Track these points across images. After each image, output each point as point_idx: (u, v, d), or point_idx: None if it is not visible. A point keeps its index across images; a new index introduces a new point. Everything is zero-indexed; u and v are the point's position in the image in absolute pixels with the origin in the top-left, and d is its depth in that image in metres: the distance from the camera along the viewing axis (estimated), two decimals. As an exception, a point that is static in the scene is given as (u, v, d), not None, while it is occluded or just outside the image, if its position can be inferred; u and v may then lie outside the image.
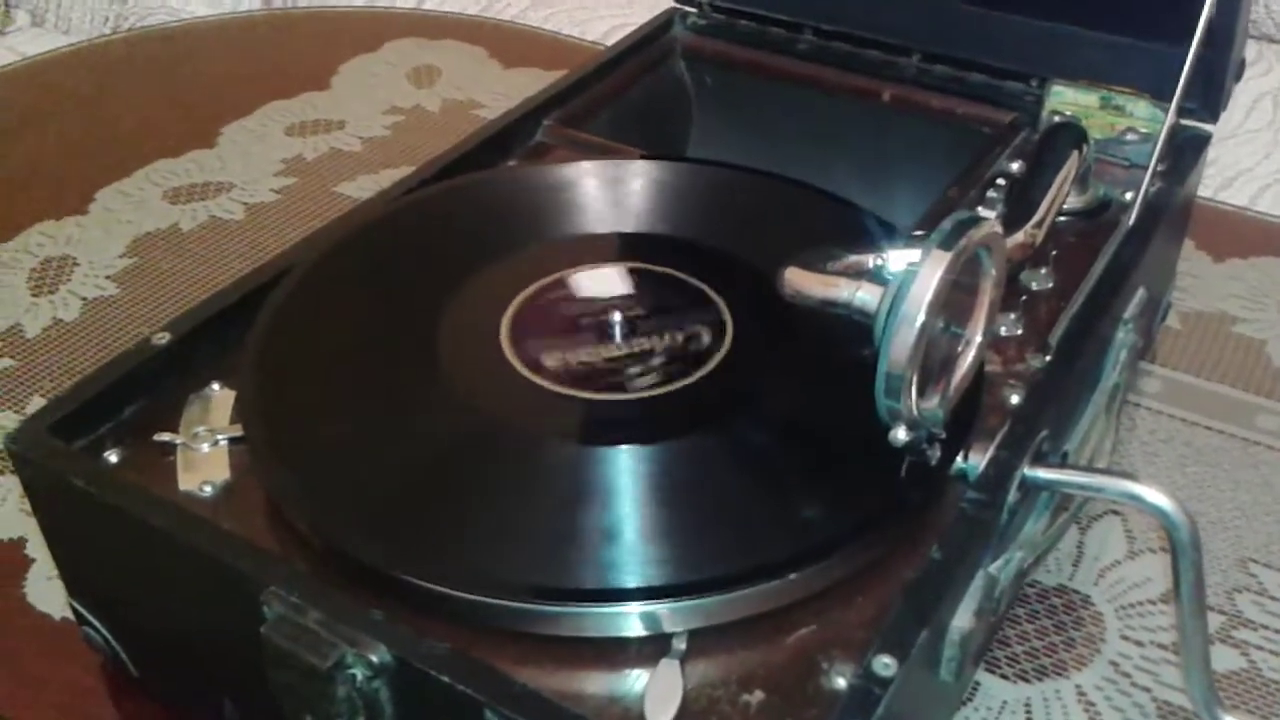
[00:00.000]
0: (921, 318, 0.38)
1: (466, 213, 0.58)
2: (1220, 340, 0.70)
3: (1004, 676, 0.52)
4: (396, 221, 0.57)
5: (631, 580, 0.41)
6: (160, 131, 0.91)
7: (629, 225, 0.57)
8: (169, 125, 0.92)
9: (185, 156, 0.88)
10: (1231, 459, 0.63)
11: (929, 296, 0.38)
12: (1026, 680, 0.52)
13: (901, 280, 0.39)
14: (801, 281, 0.44)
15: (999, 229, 0.41)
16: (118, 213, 0.82)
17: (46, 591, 0.56)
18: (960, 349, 0.43)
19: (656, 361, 0.49)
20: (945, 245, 0.39)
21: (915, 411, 0.40)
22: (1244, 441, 0.64)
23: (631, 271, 0.54)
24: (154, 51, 1.05)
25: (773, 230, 0.57)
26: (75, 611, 0.51)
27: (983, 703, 0.51)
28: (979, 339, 0.43)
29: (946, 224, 0.39)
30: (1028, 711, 0.51)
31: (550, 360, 0.49)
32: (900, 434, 0.41)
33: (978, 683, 0.52)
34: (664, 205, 0.58)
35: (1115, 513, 0.60)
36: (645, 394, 0.47)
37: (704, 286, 0.53)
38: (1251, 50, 1.37)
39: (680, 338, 0.50)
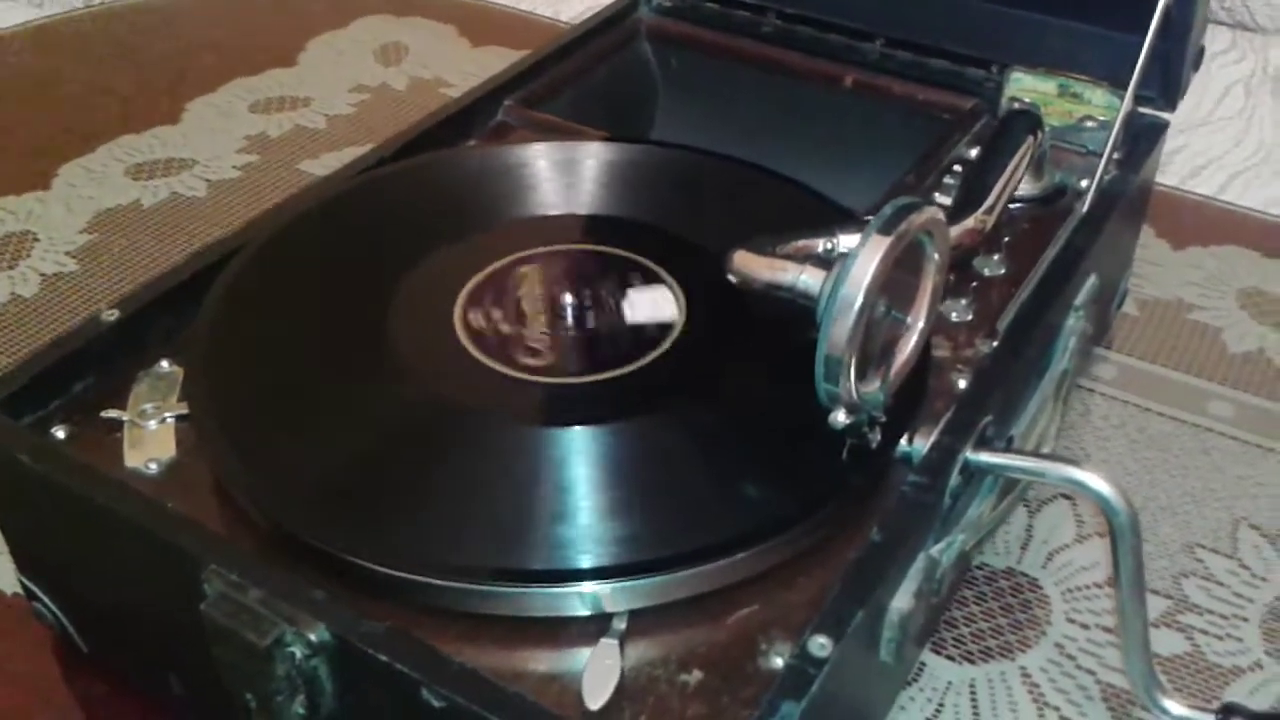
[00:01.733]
0: (859, 301, 0.38)
1: (421, 193, 0.58)
2: (1176, 327, 0.71)
3: (949, 658, 0.53)
4: (350, 201, 0.57)
5: (571, 560, 0.41)
6: (125, 107, 0.91)
7: (585, 207, 0.57)
8: (134, 101, 0.92)
9: (149, 133, 0.88)
10: (1183, 445, 0.63)
11: (867, 280, 0.38)
12: (972, 661, 0.53)
13: (842, 264, 0.39)
14: (748, 265, 0.44)
15: (940, 215, 0.42)
16: (79, 188, 0.82)
17: (-2, 567, 0.56)
18: (902, 333, 0.44)
19: (606, 344, 0.49)
20: (884, 230, 0.39)
21: (855, 395, 0.41)
22: (1195, 428, 0.64)
23: (585, 254, 0.54)
24: (121, 26, 1.04)
25: (728, 213, 0.57)
26: (25, 587, 0.51)
27: (928, 683, 0.52)
28: (921, 324, 0.44)
29: (887, 209, 0.40)
30: (973, 692, 0.52)
31: (500, 342, 0.49)
32: (840, 417, 0.41)
33: (923, 663, 0.53)
34: (620, 188, 0.58)
35: (1065, 497, 0.60)
36: (593, 377, 0.47)
37: (658, 269, 0.53)
38: (1225, 38, 1.37)
39: (631, 322, 0.50)
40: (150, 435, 0.48)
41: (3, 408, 0.47)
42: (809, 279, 0.42)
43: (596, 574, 0.41)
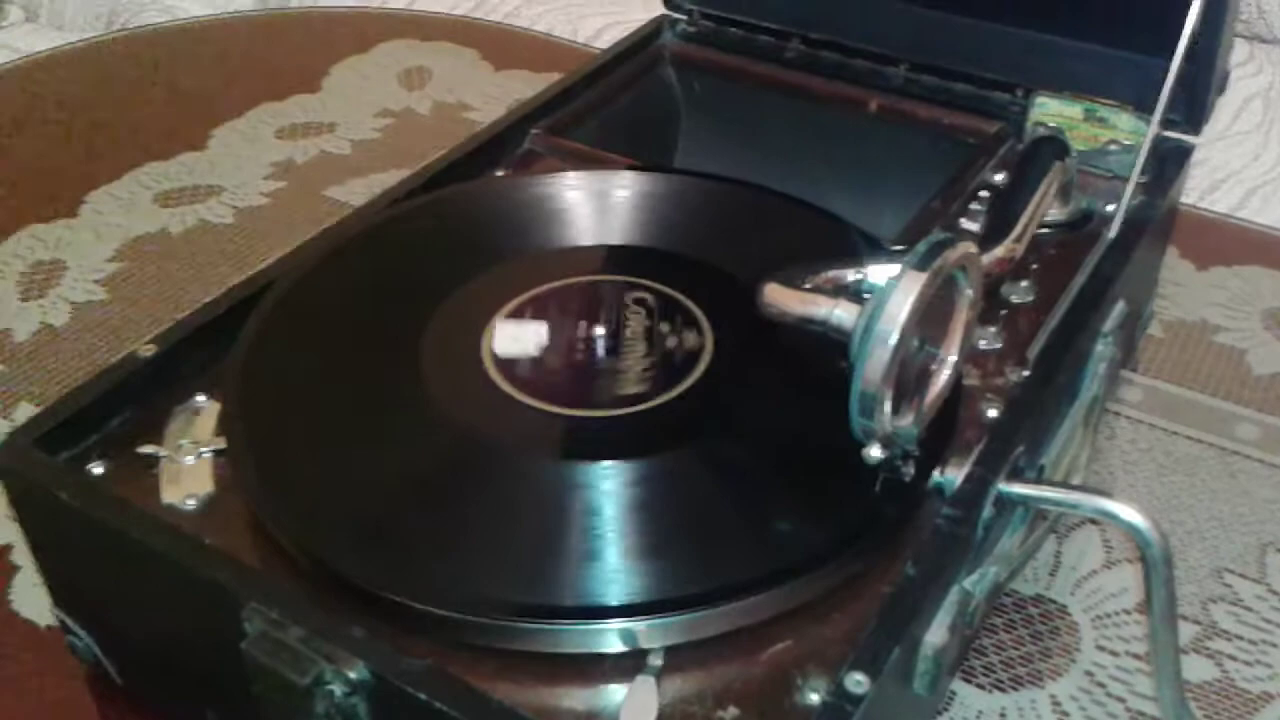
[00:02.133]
0: (895, 338, 0.39)
1: (450, 225, 0.59)
2: (1201, 349, 0.71)
3: (980, 686, 0.53)
4: (382, 234, 0.57)
5: (608, 597, 0.42)
6: (151, 133, 0.91)
7: (612, 237, 0.58)
8: (160, 127, 0.92)
9: (175, 159, 0.88)
10: (1210, 469, 0.63)
11: (903, 317, 0.38)
12: (1002, 690, 0.53)
13: (877, 300, 0.40)
14: (780, 298, 0.45)
15: (974, 250, 0.42)
16: (107, 215, 0.83)
17: (32, 598, 0.56)
18: (935, 367, 0.44)
19: (636, 377, 0.49)
20: (920, 266, 0.39)
21: (889, 429, 0.41)
22: (1222, 451, 0.64)
23: (614, 286, 0.54)
24: (146, 52, 1.05)
25: (755, 242, 0.58)
26: (60, 620, 0.52)
27: (958, 712, 0.52)
28: (954, 358, 0.44)
29: (922, 245, 0.40)
30: (1003, 721, 0.52)
31: (532, 376, 0.49)
32: (874, 452, 0.42)
33: (954, 692, 0.53)
34: (646, 217, 0.59)
35: (1093, 522, 0.60)
36: (624, 411, 0.47)
37: (686, 300, 0.53)
38: (1243, 50, 1.37)
39: (660, 353, 0.50)
40: (187, 470, 0.49)
41: (40, 444, 0.47)
42: (843, 314, 0.42)
43: (632, 610, 0.41)
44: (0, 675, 0.53)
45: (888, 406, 0.40)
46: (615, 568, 0.42)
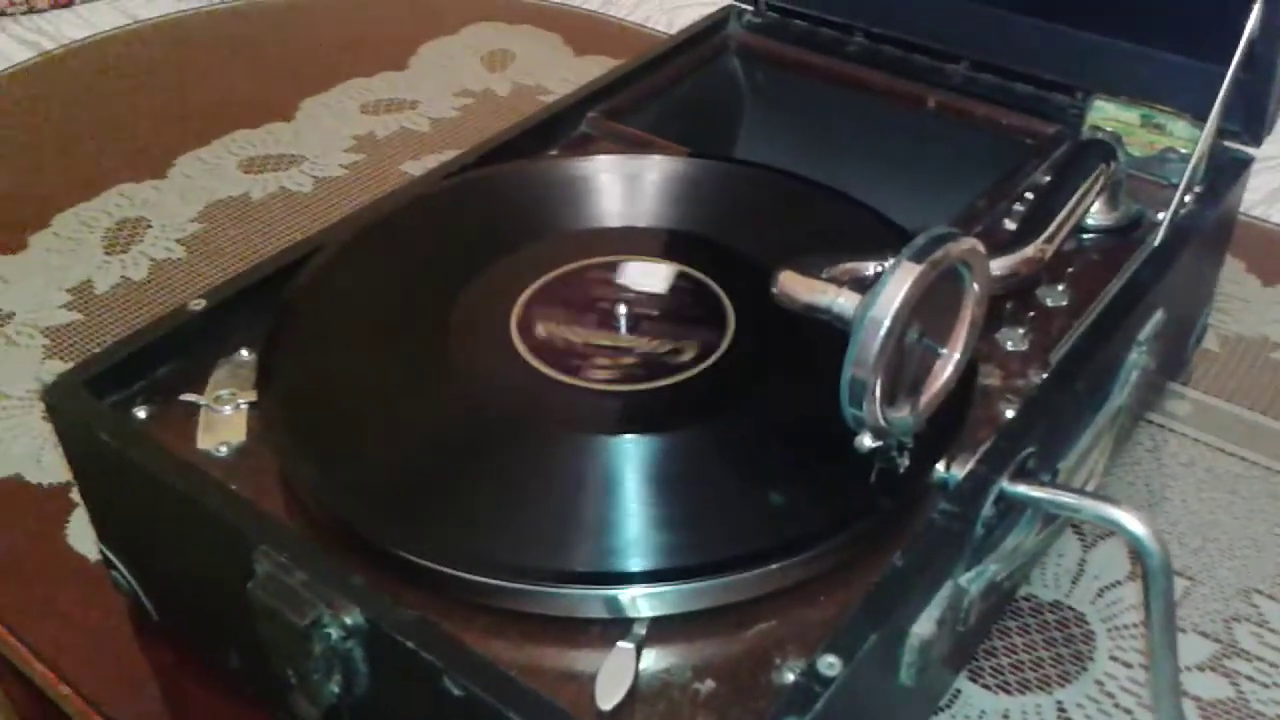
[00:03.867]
0: (886, 325, 0.39)
1: (490, 203, 0.60)
2: (1259, 366, 0.69)
3: (986, 686, 0.53)
4: (424, 207, 0.59)
5: (597, 564, 0.43)
6: (243, 102, 0.95)
7: (645, 220, 0.59)
8: (252, 96, 0.96)
9: (263, 128, 0.92)
10: (1251, 488, 0.62)
11: (895, 306, 0.39)
12: (1008, 692, 0.53)
13: (873, 290, 0.40)
14: (791, 285, 0.45)
15: (980, 247, 0.42)
16: (194, 179, 0.86)
17: (85, 535, 0.59)
18: (937, 362, 0.44)
19: (653, 357, 0.50)
20: (915, 258, 0.39)
21: (880, 420, 0.41)
22: (1267, 470, 0.63)
23: (643, 266, 0.55)
24: (246, 24, 1.09)
25: (790, 231, 0.58)
26: (104, 556, 0.55)
27: (961, 710, 0.52)
28: (957, 355, 0.44)
29: (921, 238, 0.40)
30: (1005, 723, 0.52)
31: (551, 347, 0.51)
32: (865, 440, 0.42)
33: (959, 690, 0.53)
34: (680, 202, 0.60)
35: (1122, 533, 0.59)
36: (635, 387, 0.49)
37: (714, 285, 0.54)
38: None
39: (679, 335, 0.51)
40: (223, 420, 0.51)
41: (89, 386, 0.50)
42: (845, 303, 0.43)
43: (620, 579, 0.42)
44: (48, 604, 0.57)
45: (879, 395, 0.41)
46: (607, 537, 0.44)
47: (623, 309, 0.52)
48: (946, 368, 0.44)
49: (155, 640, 0.55)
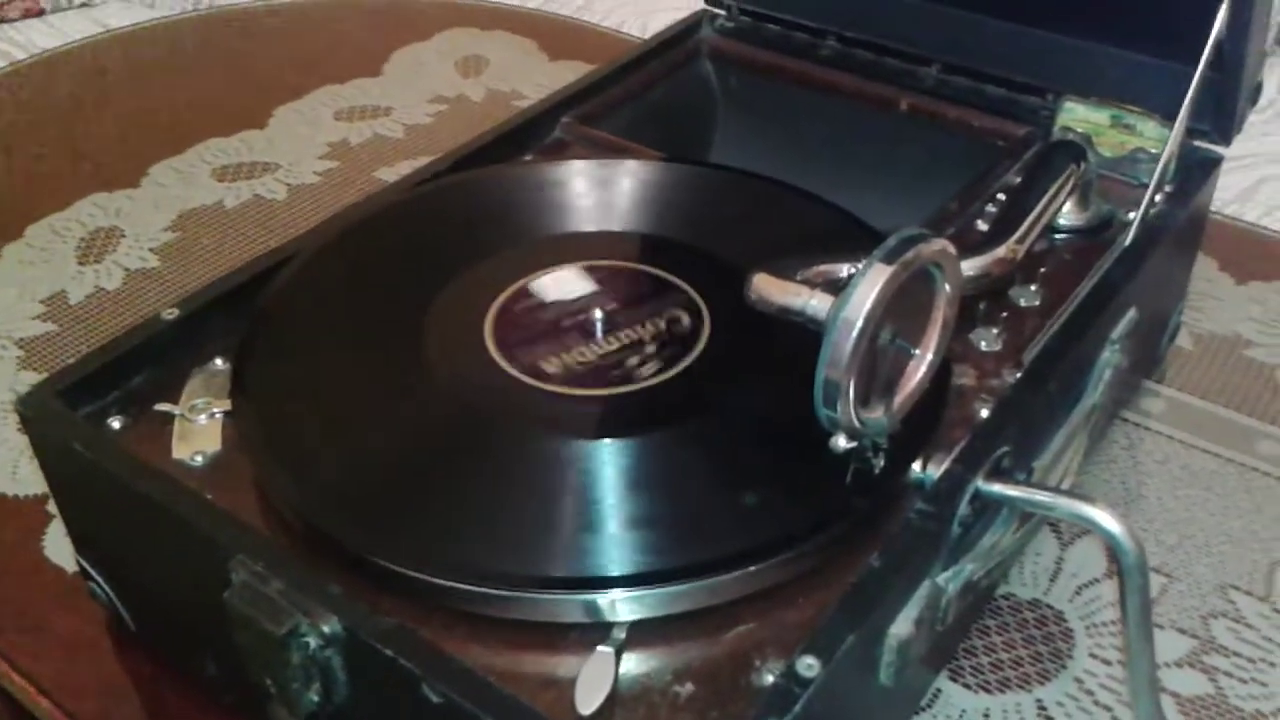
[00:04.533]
0: (858, 326, 0.39)
1: (464, 208, 0.60)
2: (1231, 363, 0.70)
3: (966, 686, 0.53)
4: (397, 214, 0.59)
5: (575, 569, 0.43)
6: (216, 110, 0.95)
7: (618, 225, 0.59)
8: (225, 104, 0.96)
9: (236, 136, 0.92)
10: (1226, 484, 0.62)
11: (866, 307, 0.39)
12: (988, 691, 0.53)
13: (845, 291, 0.40)
14: (765, 287, 0.45)
15: (950, 248, 0.42)
16: (168, 187, 0.86)
17: (62, 547, 0.59)
18: (911, 363, 0.44)
19: (626, 360, 0.50)
20: (887, 259, 0.40)
21: (855, 420, 0.41)
22: (1241, 467, 0.63)
23: (614, 270, 0.55)
24: (220, 31, 1.09)
25: (764, 234, 0.58)
26: (81, 567, 0.54)
27: (942, 710, 0.52)
28: (930, 356, 0.44)
29: (892, 239, 0.40)
30: (985, 721, 0.52)
31: (524, 353, 0.51)
32: (840, 442, 0.42)
33: (940, 689, 0.53)
34: (653, 206, 0.60)
35: (1098, 531, 0.60)
36: (611, 391, 0.49)
37: (688, 288, 0.54)
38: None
39: (655, 339, 0.51)
40: (198, 429, 0.51)
41: (62, 397, 0.50)
42: (818, 304, 0.43)
43: (598, 583, 0.42)
44: (26, 617, 0.56)
45: (852, 396, 0.41)
46: (584, 541, 0.44)
47: (598, 314, 0.52)
48: (920, 368, 0.44)
49: (134, 651, 0.55)
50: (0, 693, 0.58)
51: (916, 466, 0.47)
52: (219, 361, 0.54)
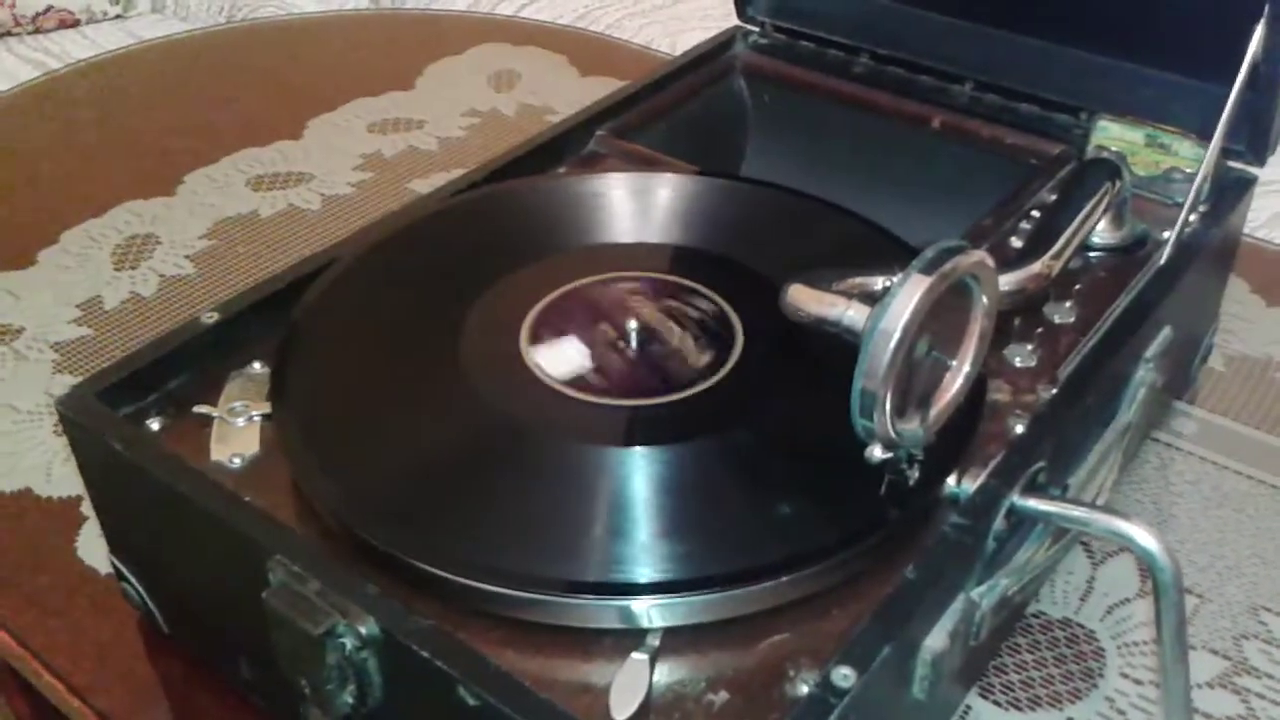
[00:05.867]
0: (896, 337, 0.39)
1: (501, 218, 0.61)
2: (1263, 385, 0.69)
3: (996, 703, 0.53)
4: (436, 223, 0.60)
5: (611, 575, 0.43)
6: (251, 121, 0.96)
7: (655, 237, 0.59)
8: (260, 115, 0.97)
9: (272, 146, 0.92)
10: (1258, 506, 0.62)
11: (905, 318, 0.39)
12: (1018, 708, 0.53)
13: (883, 302, 0.40)
14: (801, 298, 0.46)
15: (988, 260, 0.42)
16: (203, 196, 0.87)
17: (95, 548, 0.60)
18: (947, 375, 0.44)
19: (664, 370, 0.50)
20: (925, 270, 0.40)
21: (891, 431, 0.42)
22: (1273, 489, 0.63)
23: (650, 282, 0.56)
24: (255, 44, 1.10)
25: (797, 247, 0.59)
26: (115, 568, 0.55)
27: (971, 727, 0.52)
28: (967, 367, 0.44)
29: (930, 251, 0.41)
30: (1015, 739, 0.52)
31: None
32: (876, 452, 0.42)
33: (969, 706, 0.53)
34: (690, 219, 0.60)
35: (1129, 549, 0.60)
36: (646, 400, 0.49)
37: (720, 300, 0.54)
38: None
39: (691, 349, 0.52)
40: (236, 431, 0.52)
41: (102, 397, 0.51)
42: (854, 315, 0.43)
43: (634, 590, 0.43)
44: (58, 617, 0.57)
45: (889, 407, 0.41)
46: (621, 548, 0.44)
47: (633, 324, 0.53)
48: (956, 380, 0.44)
49: (165, 652, 0.55)
50: (29, 693, 0.58)
51: (951, 480, 0.47)
52: (257, 365, 0.54)
